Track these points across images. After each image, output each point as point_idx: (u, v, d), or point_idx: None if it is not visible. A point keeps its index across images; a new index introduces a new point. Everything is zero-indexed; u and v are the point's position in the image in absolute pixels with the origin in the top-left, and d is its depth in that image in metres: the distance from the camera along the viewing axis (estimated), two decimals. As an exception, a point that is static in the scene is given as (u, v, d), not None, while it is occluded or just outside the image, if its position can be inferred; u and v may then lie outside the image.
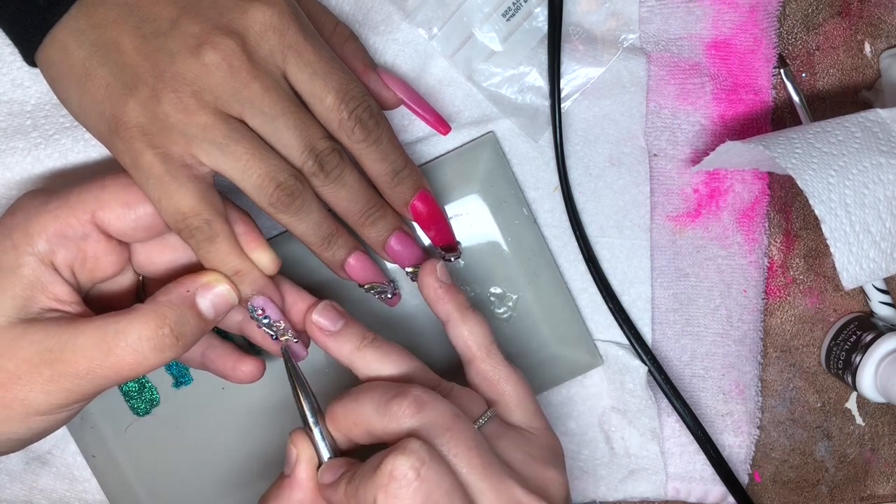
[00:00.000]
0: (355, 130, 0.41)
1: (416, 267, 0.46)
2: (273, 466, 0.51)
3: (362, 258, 0.45)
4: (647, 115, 0.52)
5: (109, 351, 0.38)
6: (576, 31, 0.50)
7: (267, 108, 0.39)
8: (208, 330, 0.41)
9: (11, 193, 0.47)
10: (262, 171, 0.40)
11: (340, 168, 0.42)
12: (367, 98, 0.42)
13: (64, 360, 0.38)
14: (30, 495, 0.52)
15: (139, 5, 0.39)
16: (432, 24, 0.49)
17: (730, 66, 0.52)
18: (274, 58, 0.40)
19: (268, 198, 0.40)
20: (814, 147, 0.44)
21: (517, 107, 0.50)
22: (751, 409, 0.54)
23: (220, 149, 0.39)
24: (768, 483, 0.56)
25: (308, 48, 0.40)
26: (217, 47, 0.38)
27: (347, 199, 0.43)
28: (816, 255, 0.54)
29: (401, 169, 0.43)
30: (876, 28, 0.53)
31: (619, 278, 0.52)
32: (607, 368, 0.52)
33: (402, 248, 0.45)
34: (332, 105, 0.41)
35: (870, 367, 0.51)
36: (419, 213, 0.45)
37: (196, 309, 0.40)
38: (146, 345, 0.38)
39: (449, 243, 0.47)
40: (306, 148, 0.40)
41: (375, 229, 0.44)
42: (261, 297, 0.42)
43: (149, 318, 0.39)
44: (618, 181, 0.52)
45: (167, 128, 0.38)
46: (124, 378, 0.39)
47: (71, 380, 0.38)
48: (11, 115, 0.47)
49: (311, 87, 0.40)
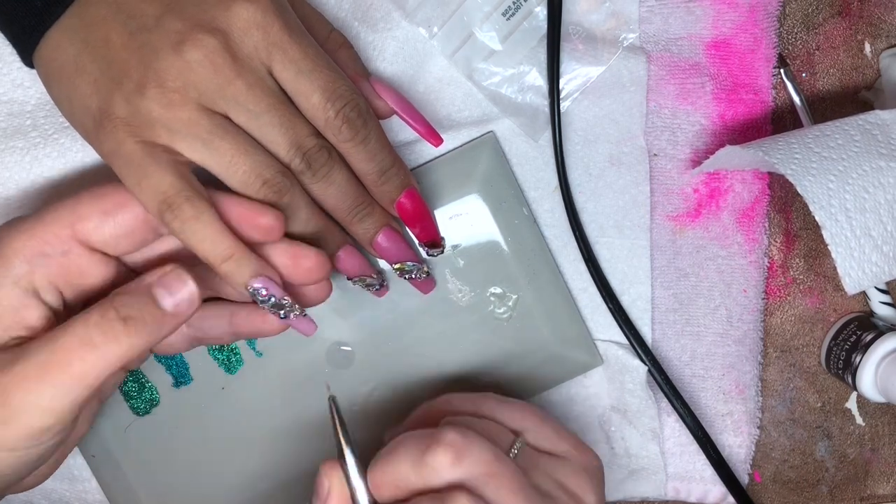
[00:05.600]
0: (342, 129, 0.41)
1: (404, 263, 0.46)
2: (272, 466, 0.51)
3: (351, 252, 0.45)
4: (647, 114, 0.52)
5: (56, 346, 0.37)
6: (576, 30, 0.50)
7: (251, 105, 0.39)
8: (171, 323, 0.39)
9: (10, 193, 0.48)
10: (247, 167, 0.39)
11: (328, 166, 0.41)
12: (355, 96, 0.41)
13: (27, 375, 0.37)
14: (29, 495, 0.52)
15: (127, 3, 0.39)
16: (432, 22, 0.49)
17: (730, 65, 0.52)
18: (258, 55, 0.39)
19: (254, 194, 0.40)
20: (813, 152, 0.44)
21: (517, 106, 0.50)
22: (751, 409, 0.54)
23: (204, 144, 0.39)
24: (768, 483, 0.56)
25: (293, 45, 0.40)
26: (199, 44, 0.38)
27: (335, 197, 0.43)
28: (816, 255, 0.54)
29: (388, 168, 0.43)
30: (876, 28, 0.53)
31: (618, 278, 0.52)
32: (607, 368, 0.52)
33: (390, 245, 0.45)
34: (319, 103, 0.40)
35: (870, 367, 0.51)
36: (405, 210, 0.45)
37: (150, 295, 0.38)
38: (93, 331, 0.37)
39: (433, 239, 0.47)
40: (293, 146, 0.40)
41: (363, 226, 0.44)
42: (260, 277, 0.40)
43: (96, 307, 0.38)
44: (618, 181, 0.52)
45: (151, 121, 0.38)
46: (86, 378, 0.37)
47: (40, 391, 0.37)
48: (11, 116, 0.47)
49: (297, 85, 0.40)
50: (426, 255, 0.48)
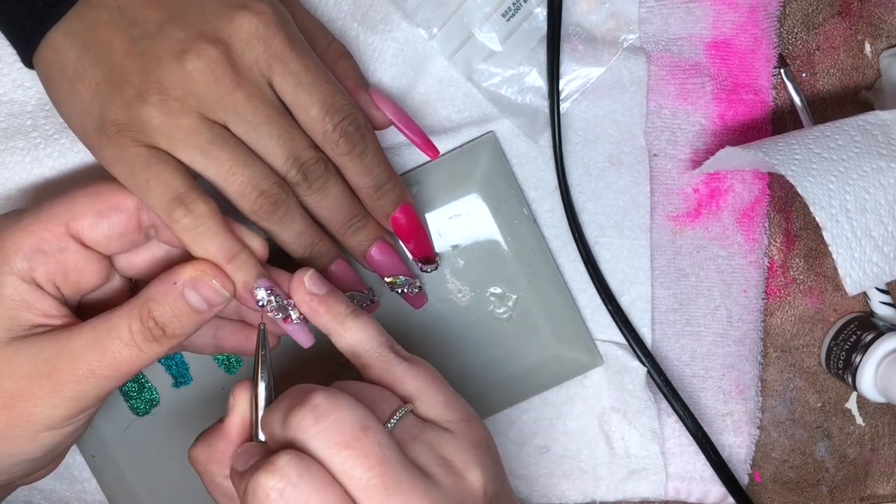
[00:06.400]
0: (340, 143, 0.41)
1: (396, 277, 0.46)
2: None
3: (343, 267, 0.45)
4: (647, 114, 0.52)
5: (105, 349, 0.38)
6: (576, 31, 0.50)
7: (250, 115, 0.39)
8: (202, 320, 0.40)
9: (11, 193, 0.48)
10: (244, 178, 0.40)
11: (324, 178, 0.42)
12: (353, 110, 0.42)
13: (62, 368, 0.38)
14: (29, 496, 0.52)
15: (130, 8, 0.39)
16: (432, 23, 0.49)
17: (730, 66, 0.52)
18: (259, 66, 0.40)
19: (251, 205, 0.40)
20: (813, 152, 0.44)
21: (517, 107, 0.50)
22: (751, 409, 0.54)
23: (202, 153, 0.39)
24: (768, 483, 0.56)
25: (294, 58, 0.40)
26: (200, 54, 0.38)
27: (330, 209, 0.43)
28: (816, 255, 0.54)
29: (384, 182, 0.44)
30: (876, 28, 0.53)
31: (618, 278, 0.52)
32: (607, 368, 0.52)
33: (383, 258, 0.45)
34: (317, 116, 0.41)
35: (870, 367, 0.51)
36: (400, 225, 0.45)
37: (183, 300, 0.39)
38: (139, 337, 0.38)
39: (427, 256, 0.47)
40: (290, 157, 0.41)
41: (357, 239, 0.45)
42: (264, 278, 0.41)
43: (135, 312, 0.38)
44: (618, 181, 0.52)
45: (150, 129, 0.38)
46: (124, 375, 0.39)
47: (72, 387, 0.38)
48: (12, 116, 0.47)
49: (296, 98, 0.40)
50: (420, 270, 0.48)
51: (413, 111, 0.50)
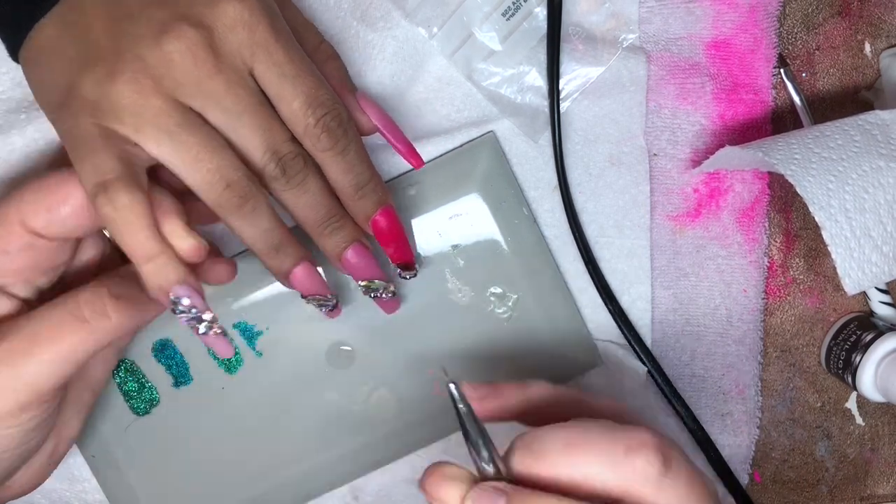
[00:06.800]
0: (321, 138, 0.40)
1: (370, 280, 0.44)
2: (272, 466, 0.51)
3: (308, 270, 0.43)
4: (647, 114, 0.52)
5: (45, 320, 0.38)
6: (576, 30, 0.50)
7: (230, 103, 0.38)
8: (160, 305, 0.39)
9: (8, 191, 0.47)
10: (212, 166, 0.37)
11: (304, 174, 0.40)
12: (337, 105, 0.40)
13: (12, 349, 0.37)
14: (29, 496, 0.52)
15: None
16: (432, 22, 0.49)
17: (730, 65, 0.52)
18: (241, 54, 0.38)
19: (216, 196, 0.38)
20: (812, 152, 0.44)
21: (517, 107, 0.50)
22: (751, 409, 0.54)
23: (170, 136, 0.37)
24: (768, 483, 0.56)
25: (278, 48, 0.39)
26: (181, 36, 0.37)
27: (308, 207, 0.41)
28: (816, 254, 0.54)
29: (365, 183, 0.42)
30: (876, 28, 0.53)
31: (618, 278, 0.52)
32: (607, 368, 0.52)
33: (359, 261, 0.43)
34: (299, 109, 0.39)
35: (870, 367, 0.51)
36: (380, 229, 0.43)
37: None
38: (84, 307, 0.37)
39: (406, 261, 0.46)
40: (268, 150, 0.39)
41: (333, 240, 0.43)
42: (183, 285, 0.37)
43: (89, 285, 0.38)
44: (618, 181, 0.52)
45: (119, 108, 0.37)
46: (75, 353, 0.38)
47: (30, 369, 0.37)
48: (9, 112, 0.47)
49: (279, 89, 0.39)
50: (399, 276, 0.46)
51: (412, 110, 0.50)
